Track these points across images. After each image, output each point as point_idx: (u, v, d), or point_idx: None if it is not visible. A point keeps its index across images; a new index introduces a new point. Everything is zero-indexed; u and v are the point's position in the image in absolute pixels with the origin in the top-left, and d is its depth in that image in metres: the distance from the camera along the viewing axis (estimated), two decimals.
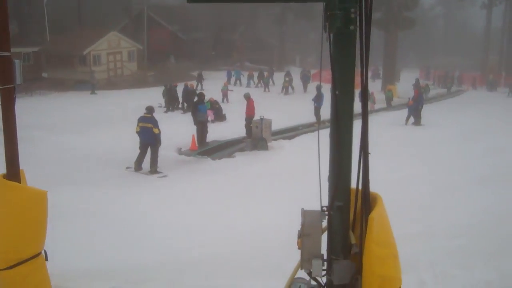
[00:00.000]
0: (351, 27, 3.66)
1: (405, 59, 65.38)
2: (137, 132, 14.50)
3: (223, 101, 29.35)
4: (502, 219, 9.64)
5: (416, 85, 35.01)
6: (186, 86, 27.88)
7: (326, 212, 4.13)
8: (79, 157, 15.80)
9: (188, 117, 20.47)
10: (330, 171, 4.03)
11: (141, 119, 14.54)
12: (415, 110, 23.90)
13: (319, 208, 4.27)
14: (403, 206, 10.42)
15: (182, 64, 50.93)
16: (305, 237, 4.09)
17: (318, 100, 23.33)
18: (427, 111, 24.98)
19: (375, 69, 47.66)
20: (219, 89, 31.28)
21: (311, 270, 4.11)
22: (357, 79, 3.81)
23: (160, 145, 14.59)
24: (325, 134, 4.08)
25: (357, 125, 3.73)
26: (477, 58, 59.75)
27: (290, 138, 19.67)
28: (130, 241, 8.84)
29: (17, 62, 4.80)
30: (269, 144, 17.39)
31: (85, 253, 8.12)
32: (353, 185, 4.03)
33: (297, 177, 12.76)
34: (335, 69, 3.78)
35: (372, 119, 23.46)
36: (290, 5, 52.55)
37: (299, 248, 4.07)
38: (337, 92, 3.79)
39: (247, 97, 19.92)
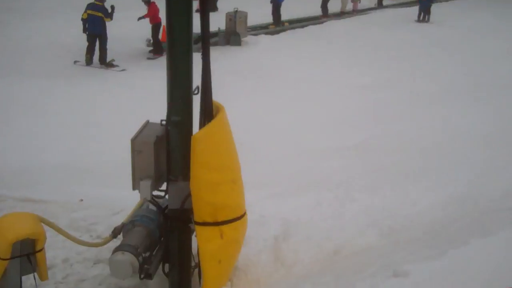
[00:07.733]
0: None
1: None
2: (83, 19, 13.32)
3: None
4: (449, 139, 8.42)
5: None
6: None
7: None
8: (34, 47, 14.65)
9: None
10: (167, 83, 3.54)
11: (91, 6, 13.32)
12: (425, 6, 22.20)
13: None
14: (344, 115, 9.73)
15: None
16: (136, 153, 3.60)
17: None
18: (436, 9, 22.78)
19: None
20: None
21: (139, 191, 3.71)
22: None
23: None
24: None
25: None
26: None
27: (273, 33, 18.42)
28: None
29: None
30: (244, 39, 16.29)
31: None
32: None
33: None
34: None
35: (357, 19, 21.67)
36: None
37: None
38: None
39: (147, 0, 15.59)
